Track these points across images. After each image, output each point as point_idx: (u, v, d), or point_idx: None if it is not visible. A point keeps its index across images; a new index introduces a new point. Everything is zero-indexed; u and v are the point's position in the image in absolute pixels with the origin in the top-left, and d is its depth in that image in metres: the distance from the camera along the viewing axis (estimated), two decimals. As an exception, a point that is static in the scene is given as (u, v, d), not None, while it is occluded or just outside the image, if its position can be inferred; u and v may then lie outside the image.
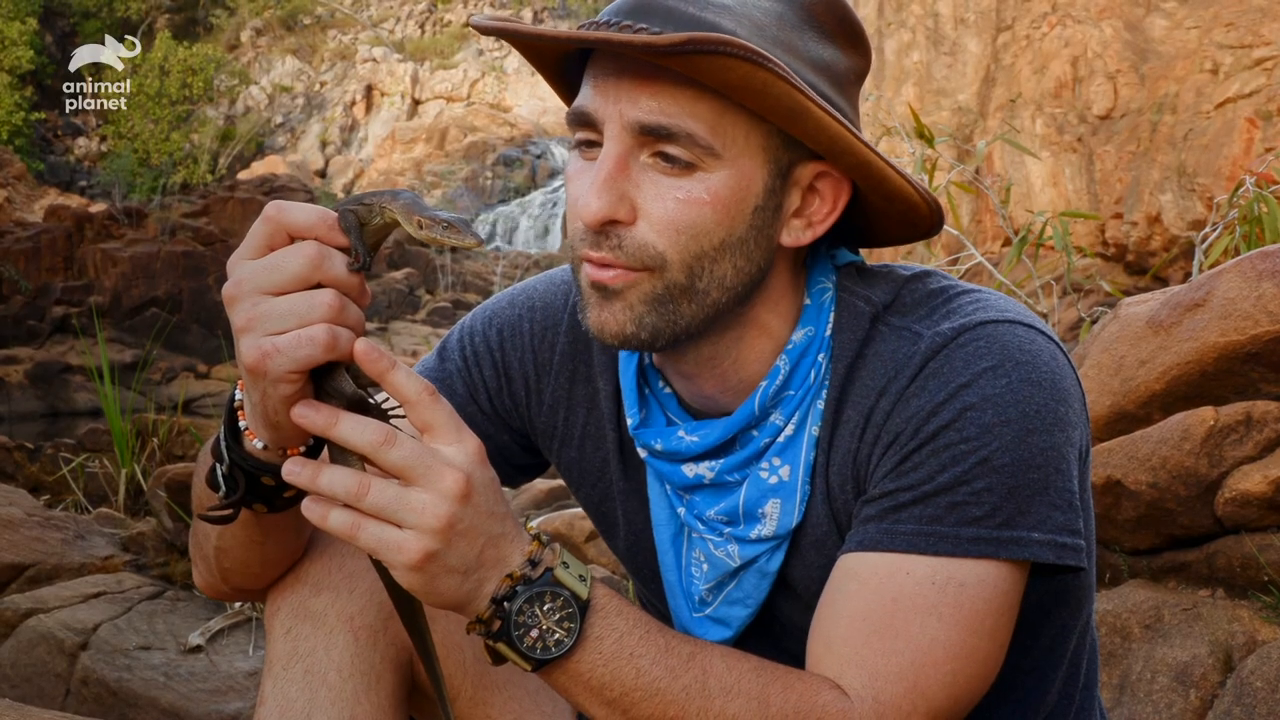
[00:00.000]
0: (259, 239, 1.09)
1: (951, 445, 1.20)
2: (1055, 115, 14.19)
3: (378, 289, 22.43)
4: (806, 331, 1.32)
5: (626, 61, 1.19)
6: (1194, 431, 2.47)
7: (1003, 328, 1.25)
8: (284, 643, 1.35)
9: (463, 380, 1.54)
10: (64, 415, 17.19)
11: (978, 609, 1.20)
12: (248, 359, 1.07)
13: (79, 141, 37.50)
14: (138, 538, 4.24)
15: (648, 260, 1.22)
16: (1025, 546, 1.21)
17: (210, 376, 18.98)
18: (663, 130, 1.18)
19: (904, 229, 1.35)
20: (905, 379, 1.25)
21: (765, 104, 1.18)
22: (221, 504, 1.21)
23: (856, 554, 1.24)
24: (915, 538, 1.21)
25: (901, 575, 1.21)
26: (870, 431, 1.27)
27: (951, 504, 1.20)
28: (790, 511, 1.32)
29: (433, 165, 33.76)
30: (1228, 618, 2.39)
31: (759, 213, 1.24)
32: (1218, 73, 12.48)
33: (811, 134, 1.21)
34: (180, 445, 5.54)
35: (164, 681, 3.35)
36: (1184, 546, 2.58)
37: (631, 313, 1.23)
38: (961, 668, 1.21)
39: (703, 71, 1.15)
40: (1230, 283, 2.63)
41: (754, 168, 1.23)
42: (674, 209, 1.20)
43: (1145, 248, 12.72)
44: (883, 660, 1.20)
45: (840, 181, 1.28)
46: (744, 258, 1.25)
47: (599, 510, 1.55)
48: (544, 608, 1.13)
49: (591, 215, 1.20)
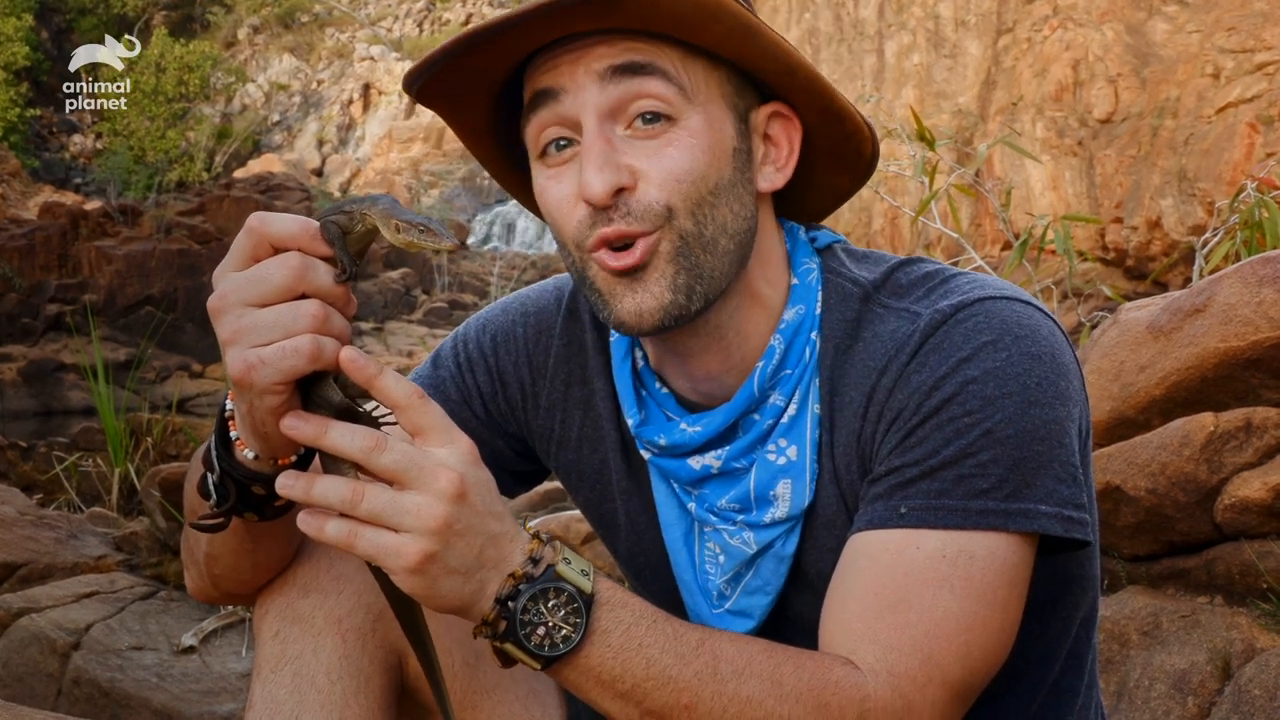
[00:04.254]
0: (242, 251, 1.10)
1: (955, 419, 1.22)
2: (1056, 119, 14.20)
3: (373, 289, 22.44)
4: (798, 310, 1.35)
5: (577, 39, 1.23)
6: (1194, 437, 2.47)
7: (1001, 304, 1.27)
8: (272, 645, 1.35)
9: (456, 386, 1.55)
10: (57, 414, 17.16)
11: (989, 580, 1.21)
12: (234, 371, 1.07)
13: (74, 139, 37.50)
14: (131, 537, 4.24)
15: (656, 219, 1.24)
16: (1033, 519, 1.22)
17: (204, 376, 19.01)
18: (636, 65, 1.22)
19: (847, 166, 1.39)
20: (906, 356, 1.27)
21: (720, 28, 1.22)
22: (213, 513, 1.21)
23: (866, 533, 1.25)
24: (924, 512, 1.22)
25: (911, 550, 1.22)
26: (873, 410, 1.29)
27: (958, 477, 1.21)
28: (801, 491, 1.33)
29: (430, 165, 33.78)
30: (1226, 625, 2.39)
31: (737, 155, 1.29)
32: (1219, 77, 12.49)
33: (765, 55, 1.26)
34: (174, 444, 5.54)
35: (156, 682, 3.35)
36: (1183, 553, 2.58)
37: (665, 279, 1.25)
38: (975, 639, 1.21)
39: (659, 9, 1.18)
40: (1231, 288, 2.63)
41: (721, 112, 1.28)
42: (669, 160, 1.24)
43: (1145, 252, 12.73)
44: (896, 634, 1.20)
45: (790, 120, 1.34)
46: (737, 201, 1.29)
47: (598, 512, 1.55)
48: (549, 604, 1.13)
49: (601, 189, 1.22)
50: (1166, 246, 12.32)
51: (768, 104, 1.33)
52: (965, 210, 13.88)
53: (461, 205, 31.11)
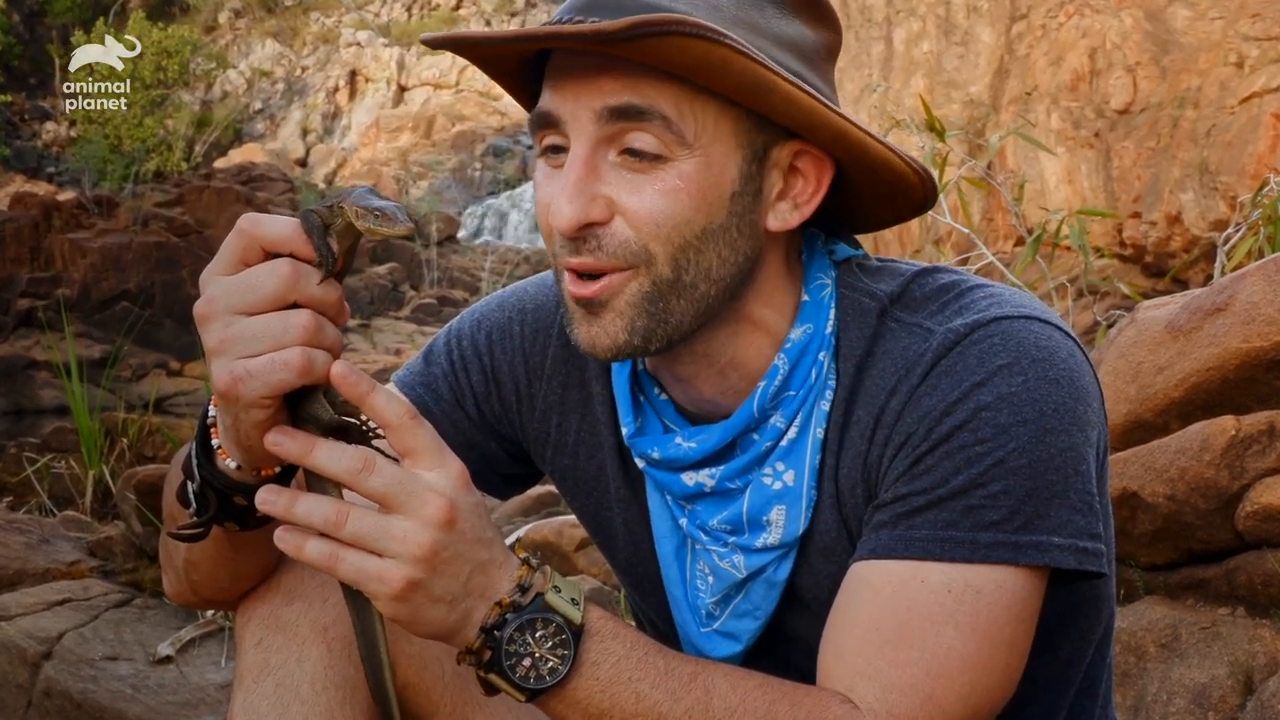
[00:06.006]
0: (231, 253, 1.09)
1: (966, 447, 1.21)
2: (1072, 109, 14.20)
3: (360, 284, 22.42)
4: (805, 329, 1.33)
5: (584, 58, 1.21)
6: (1214, 442, 2.47)
7: (1018, 324, 1.25)
8: (254, 654, 1.34)
9: (449, 385, 1.54)
10: (29, 413, 17.14)
11: (995, 617, 1.20)
12: (219, 383, 1.07)
13: (47, 126, 37.46)
14: (105, 542, 4.23)
15: (631, 257, 1.22)
16: (1045, 551, 1.21)
17: (183, 374, 18.97)
18: (633, 109, 1.19)
19: (894, 205, 1.35)
20: (916, 377, 1.26)
21: (728, 82, 1.19)
22: (192, 522, 1.21)
23: (869, 561, 1.24)
24: (930, 543, 1.21)
25: (916, 583, 1.21)
26: (880, 432, 1.28)
27: (967, 508, 1.20)
28: (796, 518, 1.32)
29: (419, 155, 33.76)
30: (1248, 637, 2.39)
31: (737, 199, 1.25)
32: (1243, 66, 12.50)
33: (781, 109, 1.22)
34: (151, 446, 5.54)
35: (131, 694, 3.34)
36: (1203, 562, 2.58)
37: (622, 320, 1.24)
38: (979, 679, 1.21)
39: (659, 55, 1.15)
40: (1254, 286, 2.63)
41: (725, 153, 1.23)
42: (650, 202, 1.21)
43: (1165, 249, 12.74)
44: (896, 672, 1.20)
45: (821, 158, 1.29)
46: (728, 246, 1.26)
47: (595, 520, 1.55)
48: (536, 635, 1.13)
49: (566, 222, 1.21)
50: (1186, 242, 12.33)
51: (794, 141, 1.28)
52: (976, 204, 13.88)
53: (451, 197, 31.09)
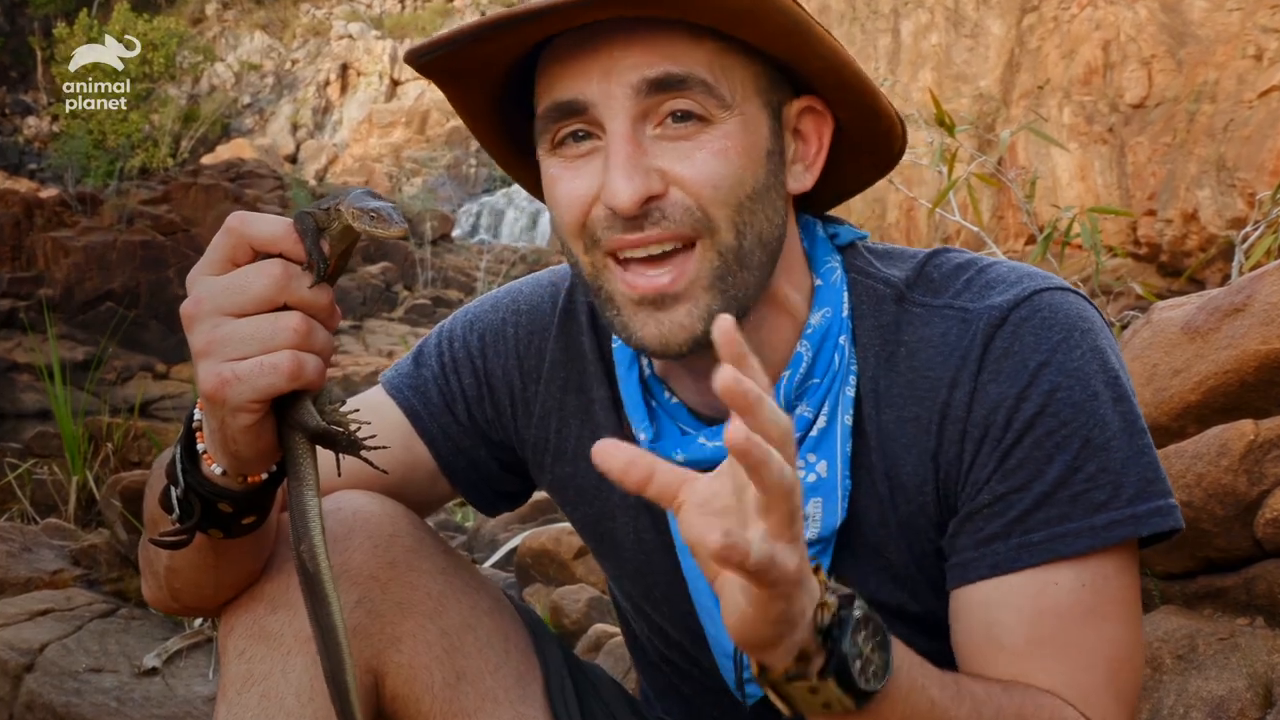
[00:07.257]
0: (220, 253, 1.09)
1: (1052, 433, 1.23)
2: (1084, 103, 14.21)
3: (352, 283, 22.41)
4: (824, 313, 1.34)
5: (600, 35, 1.20)
6: (1232, 446, 2.47)
7: (1056, 295, 1.28)
8: (238, 665, 1.34)
9: (439, 388, 1.54)
10: (9, 417, 17.13)
11: (1126, 594, 1.24)
12: (206, 386, 1.06)
13: (29, 121, 37.46)
14: (89, 550, 4.23)
15: (696, 224, 1.23)
16: (1166, 515, 1.25)
17: (169, 377, 18.97)
18: (672, 79, 1.20)
19: (876, 158, 1.39)
20: (974, 363, 1.27)
21: (769, 26, 1.20)
22: (175, 529, 1.21)
23: (993, 580, 1.25)
24: (1051, 543, 1.23)
25: (1051, 587, 1.23)
26: (952, 426, 1.28)
27: (1073, 496, 1.22)
28: (833, 510, 1.32)
29: (412, 151, 33.76)
30: (1268, 649, 2.39)
31: (771, 157, 1.27)
32: (1261, 59, 12.50)
33: (814, 52, 1.24)
34: (136, 451, 5.53)
35: (116, 706, 3.34)
36: (1220, 571, 2.58)
37: (697, 308, 1.24)
38: (1135, 653, 1.25)
39: (711, 3, 1.15)
40: (1273, 286, 2.63)
41: (756, 111, 1.26)
42: (704, 166, 1.22)
43: (1180, 247, 12.74)
44: (1083, 677, 1.22)
45: (823, 115, 1.32)
46: (770, 207, 1.27)
47: (595, 529, 1.54)
48: (860, 635, 1.05)
49: (628, 199, 1.20)
50: (1203, 241, 12.34)
51: (800, 98, 1.31)
52: (986, 201, 13.89)
53: (446, 195, 31.09)
